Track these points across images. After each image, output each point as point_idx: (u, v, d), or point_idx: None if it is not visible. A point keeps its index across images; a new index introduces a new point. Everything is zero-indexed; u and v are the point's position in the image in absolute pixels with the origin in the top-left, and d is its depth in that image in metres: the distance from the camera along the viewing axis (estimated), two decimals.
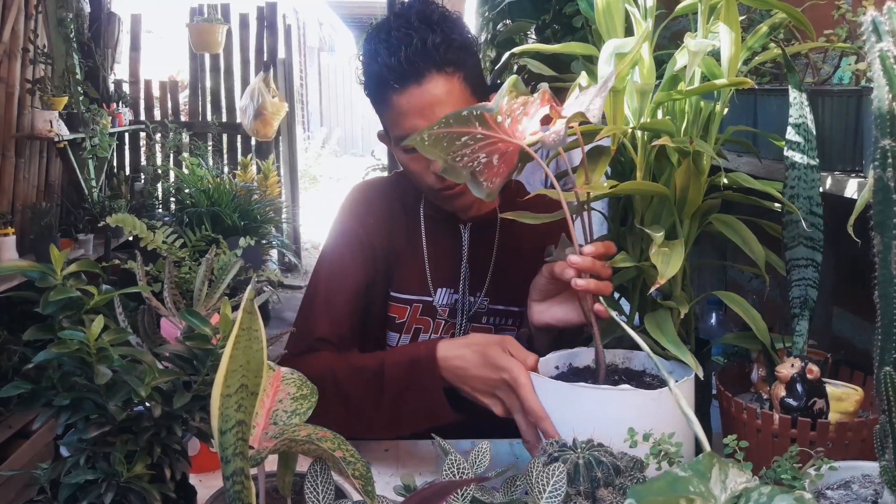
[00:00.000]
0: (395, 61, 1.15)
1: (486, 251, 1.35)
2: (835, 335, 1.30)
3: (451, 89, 1.18)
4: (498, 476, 0.79)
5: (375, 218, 1.35)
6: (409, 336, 1.36)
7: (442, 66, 1.17)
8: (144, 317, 0.88)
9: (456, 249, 1.34)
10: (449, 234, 1.35)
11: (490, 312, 1.36)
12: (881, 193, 0.70)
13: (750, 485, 0.51)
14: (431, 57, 1.16)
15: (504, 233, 1.36)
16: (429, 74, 1.16)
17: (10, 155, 3.53)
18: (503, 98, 0.92)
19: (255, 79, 5.21)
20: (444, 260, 1.34)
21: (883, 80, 0.68)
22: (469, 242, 1.34)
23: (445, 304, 1.35)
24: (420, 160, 1.22)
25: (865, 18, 0.69)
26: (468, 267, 1.34)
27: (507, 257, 1.35)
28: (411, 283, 1.34)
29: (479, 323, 1.36)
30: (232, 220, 4.25)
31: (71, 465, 0.70)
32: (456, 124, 0.90)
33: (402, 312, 1.35)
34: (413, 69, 1.16)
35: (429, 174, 1.22)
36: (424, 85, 1.16)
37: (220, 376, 0.59)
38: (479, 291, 1.35)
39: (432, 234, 1.35)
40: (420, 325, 1.36)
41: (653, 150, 0.97)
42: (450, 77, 1.18)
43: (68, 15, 4.00)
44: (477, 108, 0.90)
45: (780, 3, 0.95)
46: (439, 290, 1.34)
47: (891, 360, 0.71)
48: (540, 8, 2.64)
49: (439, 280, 1.34)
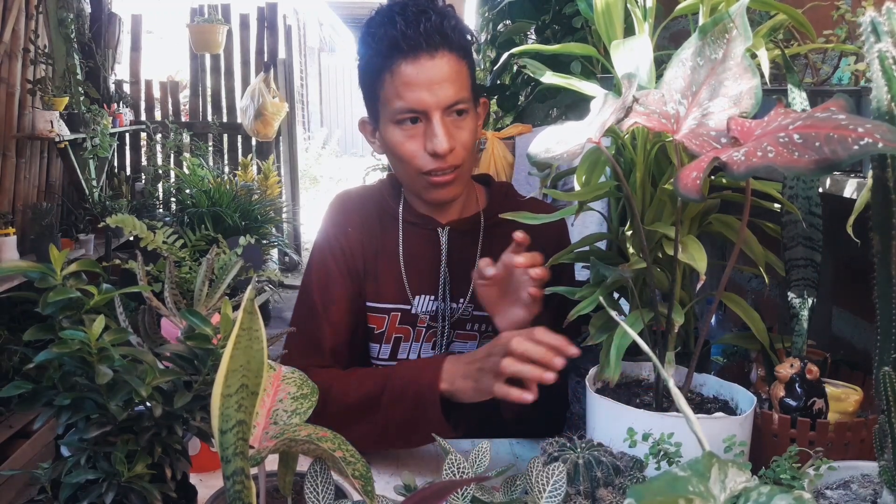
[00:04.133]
0: (412, 31, 1.16)
1: (469, 256, 1.32)
2: (834, 335, 1.30)
3: (459, 70, 1.20)
4: (498, 476, 0.79)
5: (353, 227, 1.34)
6: (389, 346, 1.33)
7: (454, 48, 1.19)
8: (145, 317, 0.88)
9: (435, 254, 1.31)
10: (427, 240, 1.32)
11: (474, 319, 1.33)
12: (880, 194, 0.70)
13: (749, 484, 0.51)
14: (447, 35, 1.18)
15: (489, 236, 1.33)
16: (442, 50, 1.18)
17: (10, 155, 3.53)
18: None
19: (255, 79, 5.22)
20: (422, 266, 1.32)
21: (882, 81, 0.68)
22: (449, 247, 1.31)
23: (426, 312, 1.32)
24: (417, 138, 1.21)
25: (864, 19, 0.69)
26: (448, 272, 1.31)
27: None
28: (389, 291, 1.32)
29: (464, 329, 1.34)
30: (232, 220, 4.25)
31: (72, 465, 0.70)
32: None
33: (381, 322, 1.32)
34: (429, 41, 1.17)
35: (422, 155, 1.21)
36: (437, 59, 1.17)
37: (220, 376, 0.59)
38: (463, 297, 1.32)
39: (410, 239, 1.33)
40: (400, 333, 1.33)
41: (653, 150, 0.97)
42: (459, 60, 1.20)
43: (69, 15, 4.00)
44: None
45: (781, 3, 0.95)
46: (418, 298, 1.32)
47: (890, 360, 0.72)
48: (540, 8, 2.64)
49: (418, 287, 1.32)
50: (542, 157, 0.86)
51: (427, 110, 1.18)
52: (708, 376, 0.99)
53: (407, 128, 1.21)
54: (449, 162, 1.21)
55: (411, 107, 1.18)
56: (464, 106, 1.21)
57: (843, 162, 0.60)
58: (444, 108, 1.19)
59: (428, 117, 1.19)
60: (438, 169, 1.21)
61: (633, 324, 0.92)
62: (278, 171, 5.49)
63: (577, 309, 0.97)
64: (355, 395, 1.16)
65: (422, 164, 1.22)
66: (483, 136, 2.33)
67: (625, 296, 1.06)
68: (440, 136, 1.18)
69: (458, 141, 1.21)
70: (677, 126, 0.80)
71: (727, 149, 0.71)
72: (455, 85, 1.19)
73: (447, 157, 1.20)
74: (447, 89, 1.18)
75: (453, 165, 1.22)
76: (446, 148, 1.18)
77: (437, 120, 1.18)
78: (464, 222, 1.33)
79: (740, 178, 0.66)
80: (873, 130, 0.60)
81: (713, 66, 0.81)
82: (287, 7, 7.46)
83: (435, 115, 1.18)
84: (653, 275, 0.92)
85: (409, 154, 1.22)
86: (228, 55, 5.44)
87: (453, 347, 1.34)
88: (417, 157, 1.22)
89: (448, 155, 1.20)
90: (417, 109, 1.19)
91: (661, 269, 0.99)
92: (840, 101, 0.68)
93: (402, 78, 1.18)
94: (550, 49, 1.12)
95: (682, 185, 0.68)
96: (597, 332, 0.98)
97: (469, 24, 1.33)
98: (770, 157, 0.64)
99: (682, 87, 0.83)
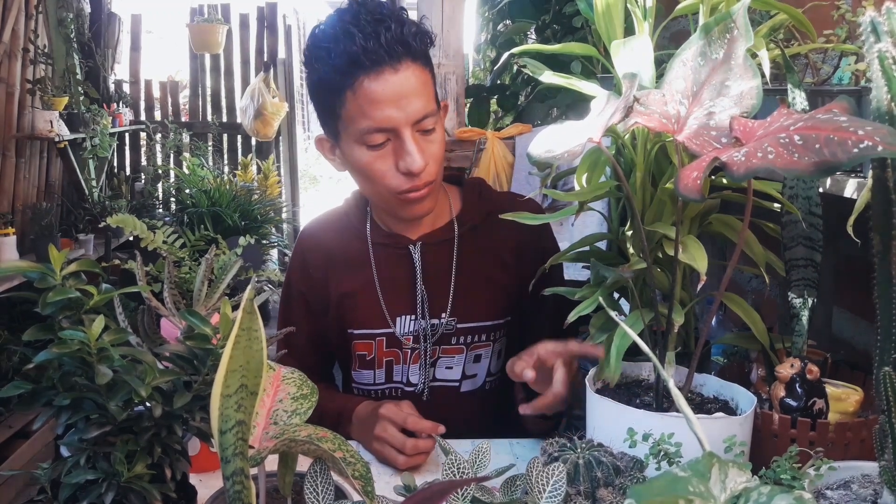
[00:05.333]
0: (372, 44, 1.08)
1: (444, 268, 1.28)
2: (834, 335, 1.30)
3: (424, 81, 1.14)
4: (498, 476, 0.79)
5: (316, 268, 1.31)
6: (384, 371, 1.31)
7: (416, 56, 1.13)
8: (144, 317, 0.88)
9: (409, 273, 1.27)
10: (399, 259, 1.28)
11: (459, 332, 1.29)
12: (881, 194, 0.70)
13: (749, 485, 0.51)
14: (409, 44, 1.11)
15: (464, 243, 1.29)
16: (405, 61, 1.10)
17: (10, 155, 3.53)
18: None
19: (255, 79, 5.21)
20: (398, 287, 1.28)
21: (881, 81, 0.68)
22: (423, 263, 1.26)
23: (409, 332, 1.28)
24: (387, 157, 1.14)
25: (864, 19, 0.69)
26: (425, 289, 1.26)
27: (468, 270, 1.29)
28: (369, 317, 1.28)
29: (449, 344, 1.29)
30: (232, 220, 4.25)
31: (71, 465, 0.70)
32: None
33: (369, 348, 1.30)
34: (391, 53, 1.09)
35: (393, 174, 1.15)
36: (401, 72, 1.10)
37: (219, 376, 0.59)
38: (444, 312, 1.27)
39: (382, 261, 1.29)
40: (390, 357, 1.30)
41: (653, 150, 0.97)
42: (423, 68, 1.14)
43: (69, 15, 4.00)
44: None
45: (781, 3, 0.95)
46: (398, 319, 1.28)
47: (890, 360, 0.72)
48: (540, 8, 2.65)
49: (397, 308, 1.28)
50: (543, 156, 0.86)
51: (396, 127, 1.12)
52: (708, 376, 0.99)
53: (375, 146, 1.14)
54: (423, 179, 1.16)
55: (379, 126, 1.11)
56: (432, 119, 1.15)
57: (843, 164, 0.60)
58: (413, 122, 1.12)
59: (398, 134, 1.12)
60: (413, 188, 1.16)
61: (633, 324, 0.92)
62: (278, 171, 5.48)
63: (578, 309, 0.97)
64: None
65: (394, 183, 1.16)
66: (483, 135, 2.33)
67: (625, 296, 1.06)
68: (414, 155, 1.12)
69: (430, 156, 1.15)
70: (678, 126, 0.80)
71: (728, 149, 0.71)
72: (422, 97, 1.13)
73: (421, 175, 1.15)
74: (415, 103, 1.11)
75: (427, 182, 1.17)
76: (421, 165, 1.13)
77: (408, 137, 1.12)
78: (436, 234, 1.29)
79: (740, 180, 0.66)
80: (873, 133, 0.60)
81: (714, 66, 0.81)
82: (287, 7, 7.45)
83: (405, 131, 1.12)
84: (653, 275, 0.92)
85: (378, 174, 1.16)
86: (228, 55, 5.43)
87: (440, 363, 1.31)
88: (388, 176, 1.15)
89: (422, 172, 1.14)
90: (386, 128, 1.12)
91: (661, 269, 0.99)
92: (843, 102, 0.68)
93: (367, 96, 1.10)
94: (550, 49, 1.12)
95: (683, 186, 0.68)
96: (597, 332, 0.98)
97: (469, 25, 1.32)
98: (770, 158, 0.64)
99: (683, 87, 0.83)
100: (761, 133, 0.70)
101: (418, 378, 1.30)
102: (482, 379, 1.33)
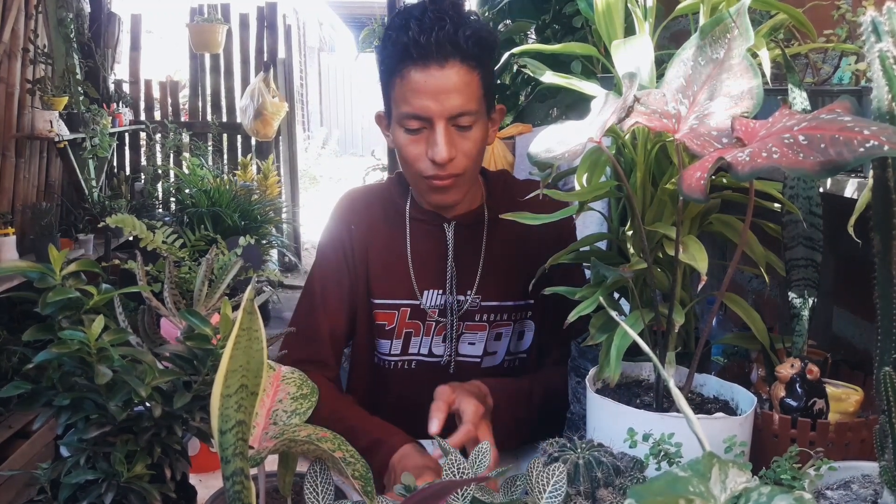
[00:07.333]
0: (424, 39, 1.17)
1: (474, 248, 1.35)
2: (835, 335, 1.30)
3: (468, 82, 1.20)
4: (498, 476, 0.79)
5: (358, 227, 1.37)
6: (401, 341, 1.36)
7: (466, 58, 1.20)
8: (144, 317, 0.88)
9: (441, 250, 1.34)
10: (433, 235, 1.35)
11: (483, 310, 1.36)
12: (881, 194, 0.70)
13: (750, 485, 0.51)
14: (459, 45, 1.19)
15: (492, 228, 1.36)
16: (453, 60, 1.18)
17: (10, 155, 3.53)
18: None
19: (255, 79, 5.21)
20: (429, 261, 1.35)
21: (882, 81, 0.68)
22: (454, 241, 1.34)
23: (434, 306, 1.35)
24: (420, 143, 1.23)
25: (865, 19, 0.69)
26: (454, 266, 1.34)
27: (496, 253, 1.36)
28: (397, 287, 1.35)
29: (472, 321, 1.36)
30: (232, 220, 4.26)
31: (71, 465, 0.70)
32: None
33: (391, 318, 1.35)
34: (440, 51, 1.17)
35: (423, 159, 1.23)
36: (446, 69, 1.18)
37: (219, 376, 0.59)
38: (470, 290, 1.35)
39: (417, 236, 1.36)
40: (410, 328, 1.36)
41: (653, 150, 0.97)
42: (470, 70, 1.21)
43: (68, 15, 4.00)
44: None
45: (781, 3, 0.95)
46: (426, 293, 1.35)
47: (891, 360, 0.72)
48: (540, 8, 2.65)
49: (425, 282, 1.35)
50: (543, 156, 0.86)
51: (431, 117, 1.20)
52: (708, 376, 0.99)
53: (412, 131, 1.23)
54: (448, 171, 1.23)
55: (416, 113, 1.20)
56: (469, 118, 1.22)
57: (849, 164, 0.60)
58: (448, 117, 1.20)
59: (432, 124, 1.21)
60: (437, 176, 1.24)
61: (633, 324, 0.92)
62: (278, 171, 5.49)
63: (578, 309, 0.97)
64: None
65: (422, 168, 1.24)
66: None
67: (625, 296, 1.06)
68: (440, 146, 1.20)
69: (459, 150, 1.23)
70: (678, 126, 0.80)
71: (732, 149, 0.71)
72: (462, 95, 1.20)
73: (447, 166, 1.22)
74: (453, 99, 1.19)
75: (452, 174, 1.24)
76: (445, 157, 1.20)
77: (440, 128, 1.20)
78: (468, 216, 1.35)
79: (744, 179, 0.66)
80: (879, 133, 0.60)
81: (714, 65, 0.81)
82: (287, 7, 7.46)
83: (439, 123, 1.20)
84: (653, 275, 0.92)
85: (411, 157, 1.25)
86: (228, 55, 5.43)
87: (463, 339, 1.37)
88: (419, 161, 1.24)
89: (448, 164, 1.22)
90: (421, 116, 1.20)
91: (661, 269, 0.99)
92: (845, 102, 0.68)
93: (410, 84, 1.19)
94: (551, 49, 1.12)
95: (686, 186, 0.68)
96: (597, 332, 0.98)
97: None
98: (775, 158, 0.64)
99: (683, 87, 0.83)
100: (764, 133, 0.70)
101: (443, 350, 1.36)
102: (501, 357, 1.40)
